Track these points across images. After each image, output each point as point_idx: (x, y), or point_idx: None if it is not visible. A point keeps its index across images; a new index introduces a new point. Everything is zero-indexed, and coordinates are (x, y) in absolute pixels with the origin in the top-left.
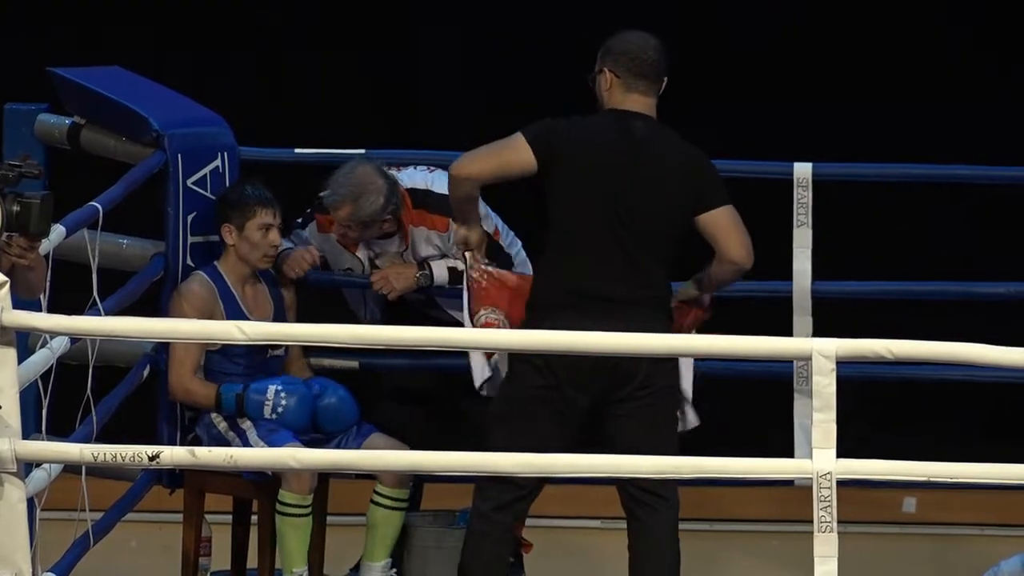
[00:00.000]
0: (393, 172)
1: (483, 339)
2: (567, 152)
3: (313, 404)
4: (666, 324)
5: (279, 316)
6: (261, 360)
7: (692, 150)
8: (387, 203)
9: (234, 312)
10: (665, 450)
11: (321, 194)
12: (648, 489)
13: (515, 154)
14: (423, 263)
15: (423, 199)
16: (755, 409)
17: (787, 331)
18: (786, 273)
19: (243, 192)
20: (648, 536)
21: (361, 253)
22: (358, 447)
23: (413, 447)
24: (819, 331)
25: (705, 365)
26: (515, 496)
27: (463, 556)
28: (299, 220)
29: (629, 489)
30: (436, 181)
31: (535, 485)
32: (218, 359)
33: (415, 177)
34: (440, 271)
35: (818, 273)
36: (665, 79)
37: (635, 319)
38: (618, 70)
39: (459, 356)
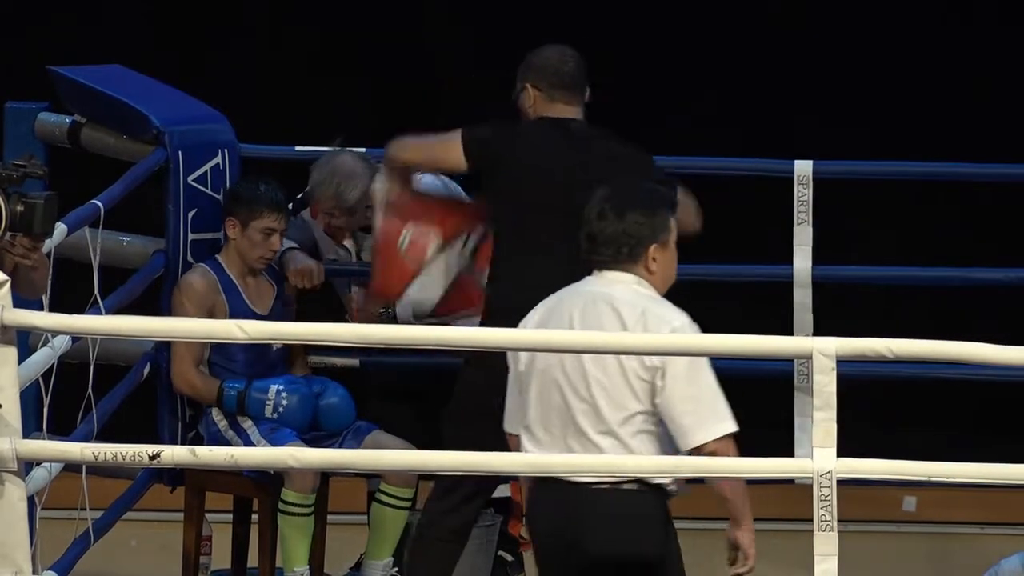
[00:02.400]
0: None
1: (483, 338)
2: (508, 157)
3: (314, 403)
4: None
5: (280, 310)
6: (264, 355)
7: (630, 147)
8: (370, 189)
9: (237, 303)
10: None
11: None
12: None
13: (446, 152)
14: (388, 304)
15: None
16: (755, 408)
17: (787, 325)
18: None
19: (255, 190)
20: None
21: (348, 243)
22: (357, 445)
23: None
24: (819, 320)
25: None
26: (462, 499)
27: (409, 555)
28: (290, 206)
29: None
30: (422, 180)
31: (480, 491)
32: (221, 352)
33: None
34: (404, 312)
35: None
36: (588, 89)
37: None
38: (539, 84)
39: (458, 355)
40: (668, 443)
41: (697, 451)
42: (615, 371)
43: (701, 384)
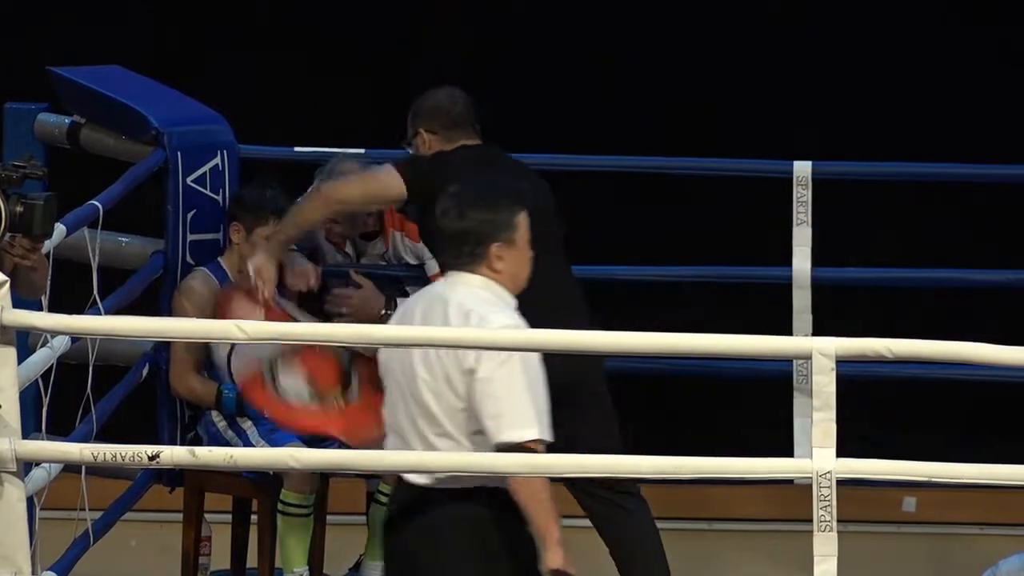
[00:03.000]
0: None
1: (485, 338)
2: (453, 177)
3: None
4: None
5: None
6: None
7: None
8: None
9: None
10: (618, 449)
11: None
12: (614, 488)
13: (385, 182)
14: (391, 300)
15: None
16: (754, 408)
17: (787, 325)
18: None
19: (261, 196)
20: (630, 537)
21: (348, 249)
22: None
23: None
24: (818, 320)
25: (705, 364)
26: None
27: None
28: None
29: (596, 492)
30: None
31: None
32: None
33: None
34: None
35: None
36: (478, 126)
37: (576, 316)
38: (433, 127)
39: None
40: None
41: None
42: (440, 374)
43: (510, 387)
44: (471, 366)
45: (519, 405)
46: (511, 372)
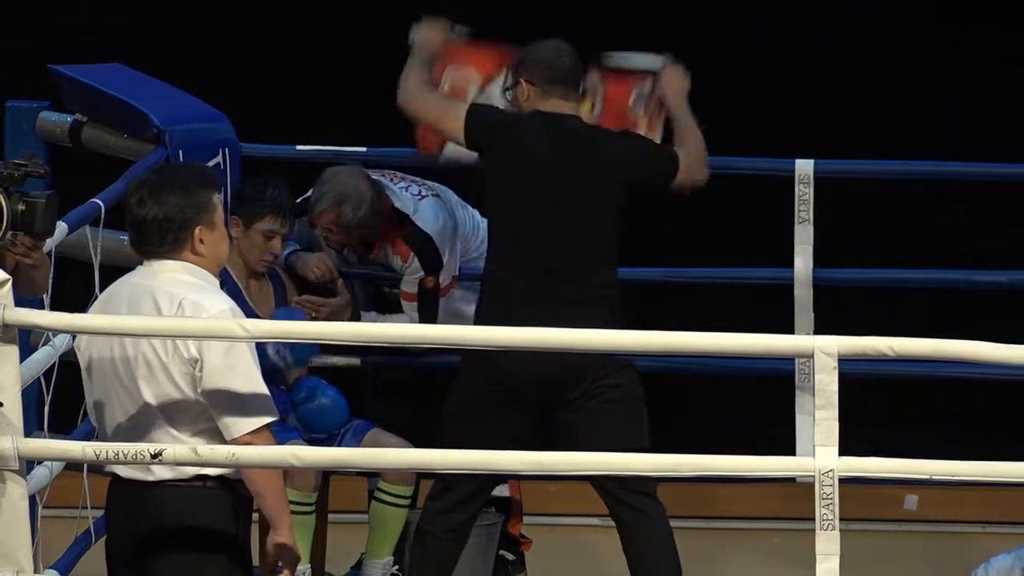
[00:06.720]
0: (387, 183)
1: (482, 336)
2: (502, 146)
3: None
4: (609, 323)
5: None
6: (262, 361)
7: (626, 135)
8: (371, 211)
9: (240, 305)
10: (634, 445)
11: (308, 196)
12: (633, 490)
13: (451, 123)
14: (357, 311)
15: (400, 222)
16: (757, 406)
17: (788, 324)
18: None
19: (262, 192)
20: (644, 542)
21: (348, 252)
22: (357, 444)
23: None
24: (821, 320)
25: (707, 363)
26: (460, 499)
27: (409, 554)
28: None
29: (614, 492)
30: (420, 210)
31: (480, 489)
32: None
33: (404, 199)
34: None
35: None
36: (583, 84)
37: (581, 318)
38: (534, 79)
39: (457, 354)
40: None
41: (234, 443)
42: (159, 368)
43: (237, 375)
44: (195, 356)
45: (249, 393)
46: (237, 358)
